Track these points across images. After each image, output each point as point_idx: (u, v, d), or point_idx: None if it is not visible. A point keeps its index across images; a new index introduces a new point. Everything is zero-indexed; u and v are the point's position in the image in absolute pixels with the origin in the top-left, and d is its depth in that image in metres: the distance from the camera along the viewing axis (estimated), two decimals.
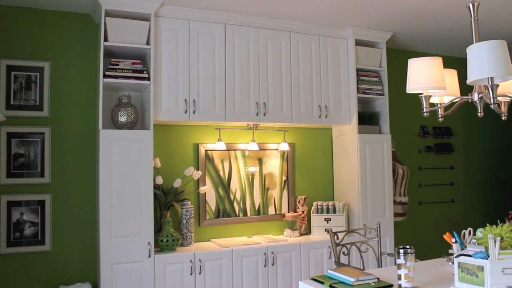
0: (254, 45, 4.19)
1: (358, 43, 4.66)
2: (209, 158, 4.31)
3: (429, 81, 2.28)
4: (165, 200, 3.95)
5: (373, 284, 2.35)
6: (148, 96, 3.78)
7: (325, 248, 4.21)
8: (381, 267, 3.51)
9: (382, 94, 4.71)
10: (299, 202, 4.55)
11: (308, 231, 4.55)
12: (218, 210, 4.32)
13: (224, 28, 4.07)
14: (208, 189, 4.26)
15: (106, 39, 3.63)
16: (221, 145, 4.25)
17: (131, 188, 3.57)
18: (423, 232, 5.39)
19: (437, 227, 5.50)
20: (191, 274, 3.71)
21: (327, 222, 4.38)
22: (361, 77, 4.63)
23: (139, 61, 3.78)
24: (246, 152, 4.47)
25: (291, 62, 4.35)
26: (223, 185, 4.36)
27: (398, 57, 5.23)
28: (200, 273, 3.74)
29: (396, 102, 5.01)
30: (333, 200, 4.79)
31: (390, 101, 4.76)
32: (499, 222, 2.39)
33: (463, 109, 4.59)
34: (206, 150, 4.30)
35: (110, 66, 3.65)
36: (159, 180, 3.87)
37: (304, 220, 4.51)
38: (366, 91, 4.62)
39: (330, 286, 2.38)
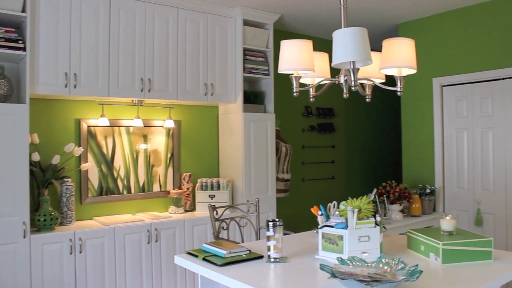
0: (140, 20, 4.10)
1: (246, 23, 4.74)
2: (91, 135, 4.18)
3: (299, 62, 2.40)
4: (43, 178, 3.78)
5: (244, 255, 2.45)
6: (24, 68, 3.57)
7: (208, 224, 4.29)
8: (259, 240, 3.65)
9: (268, 74, 4.85)
10: (184, 179, 4.58)
11: (193, 208, 4.61)
12: (101, 187, 4.22)
13: (109, 1, 3.93)
14: (90, 166, 4.14)
15: None
16: (104, 121, 4.14)
17: (3, 165, 3.37)
18: (305, 208, 5.66)
19: (318, 202, 5.75)
20: (70, 253, 3.61)
21: (211, 199, 4.46)
22: (247, 57, 4.72)
23: (14, 30, 3.55)
24: (131, 129, 4.39)
25: (178, 39, 4.32)
26: (106, 162, 4.26)
27: (285, 39, 5.37)
28: (80, 252, 3.65)
29: (282, 83, 5.17)
30: (219, 177, 4.88)
31: (275, 81, 4.92)
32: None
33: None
34: (88, 126, 4.17)
35: None
36: (36, 157, 3.69)
37: (189, 197, 4.55)
38: (252, 71, 4.73)
39: (203, 259, 2.45)
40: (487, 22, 4.70)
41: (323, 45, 3.71)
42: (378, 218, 2.43)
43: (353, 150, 6.46)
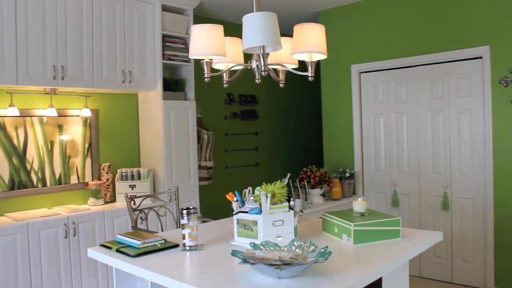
0: (51, 3, 3.87)
1: (165, 8, 4.64)
2: (0, 126, 3.94)
3: (209, 47, 2.36)
4: None
5: (159, 245, 2.41)
6: None
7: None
8: (178, 229, 3.61)
9: (188, 61, 4.77)
10: (103, 169, 4.43)
11: (113, 199, 4.48)
12: (13, 181, 3.99)
13: None
14: None
15: None
16: (14, 111, 3.90)
17: None
18: None
19: (242, 189, 5.82)
20: None
21: (132, 189, 4.35)
22: (167, 43, 4.62)
23: None
24: (44, 119, 4.18)
25: (93, 24, 4.13)
26: (18, 154, 4.03)
27: None
28: None
29: (202, 69, 5.12)
30: (139, 167, 4.77)
31: (196, 69, 4.84)
32: (290, 182, 2.63)
33: (267, 78, 4.91)
34: None
35: None
36: None
37: (109, 188, 4.42)
38: (172, 58, 4.64)
39: (117, 250, 2.38)
40: (403, 12, 4.88)
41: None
42: (292, 202, 2.46)
43: (276, 137, 6.53)
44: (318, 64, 5.09)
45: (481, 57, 4.40)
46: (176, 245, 2.45)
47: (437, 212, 4.76)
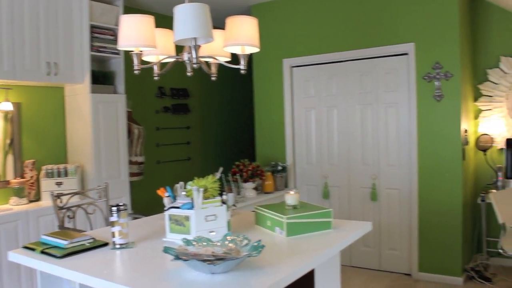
0: None
1: None
2: None
3: (139, 38, 2.29)
4: None
5: (87, 244, 2.31)
6: None
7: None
8: (107, 227, 3.50)
9: (118, 53, 4.62)
10: (27, 167, 4.20)
11: (38, 198, 4.26)
12: None
13: None
14: None
15: None
16: None
17: None
18: None
19: (174, 184, 5.75)
20: None
21: (59, 186, 4.17)
22: (95, 35, 4.45)
23: None
24: None
25: (14, 12, 3.89)
26: None
27: None
28: None
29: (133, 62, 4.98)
30: (67, 163, 4.57)
31: (126, 61, 4.70)
32: (223, 176, 2.60)
33: (199, 72, 4.85)
34: None
35: None
36: None
37: (33, 186, 4.20)
38: (101, 49, 4.48)
39: (41, 252, 2.26)
40: (334, 8, 4.98)
41: None
42: (225, 197, 2.45)
43: (208, 131, 6.49)
44: (250, 57, 5.10)
45: (406, 54, 4.58)
46: (106, 244, 2.36)
47: (366, 202, 4.91)
